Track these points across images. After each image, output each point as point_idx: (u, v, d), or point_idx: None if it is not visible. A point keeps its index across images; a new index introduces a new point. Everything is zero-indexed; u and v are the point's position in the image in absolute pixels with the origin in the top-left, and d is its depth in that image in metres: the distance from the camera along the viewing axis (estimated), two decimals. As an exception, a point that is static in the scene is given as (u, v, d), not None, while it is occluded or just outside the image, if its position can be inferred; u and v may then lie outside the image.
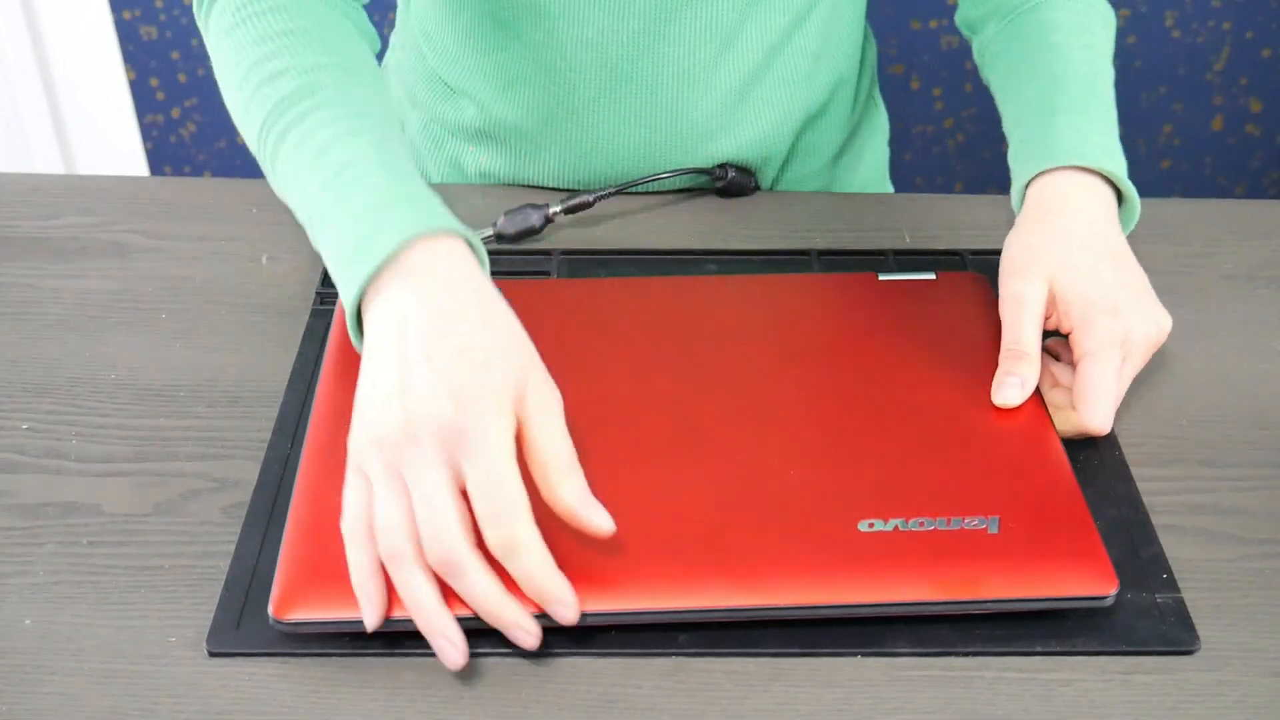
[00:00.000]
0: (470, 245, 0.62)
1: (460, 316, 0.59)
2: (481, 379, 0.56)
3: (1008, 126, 0.83)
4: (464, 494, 0.56)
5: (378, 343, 0.59)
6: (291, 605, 0.58)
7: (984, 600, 0.59)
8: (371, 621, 0.57)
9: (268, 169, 0.70)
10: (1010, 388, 0.69)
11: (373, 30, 0.79)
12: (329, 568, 0.59)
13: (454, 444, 0.55)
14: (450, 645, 0.56)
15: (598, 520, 0.57)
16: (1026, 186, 0.77)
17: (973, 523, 0.61)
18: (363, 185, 0.63)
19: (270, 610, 0.58)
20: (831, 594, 0.59)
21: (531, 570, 0.56)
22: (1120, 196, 0.77)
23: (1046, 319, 0.72)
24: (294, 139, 0.67)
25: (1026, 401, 0.68)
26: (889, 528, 0.61)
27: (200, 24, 0.78)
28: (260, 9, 0.72)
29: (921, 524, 0.61)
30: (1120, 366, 0.69)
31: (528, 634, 0.57)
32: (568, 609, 0.57)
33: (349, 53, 0.72)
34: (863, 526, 0.61)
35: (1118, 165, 0.76)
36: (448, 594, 0.57)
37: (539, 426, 0.57)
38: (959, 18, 0.94)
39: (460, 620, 0.57)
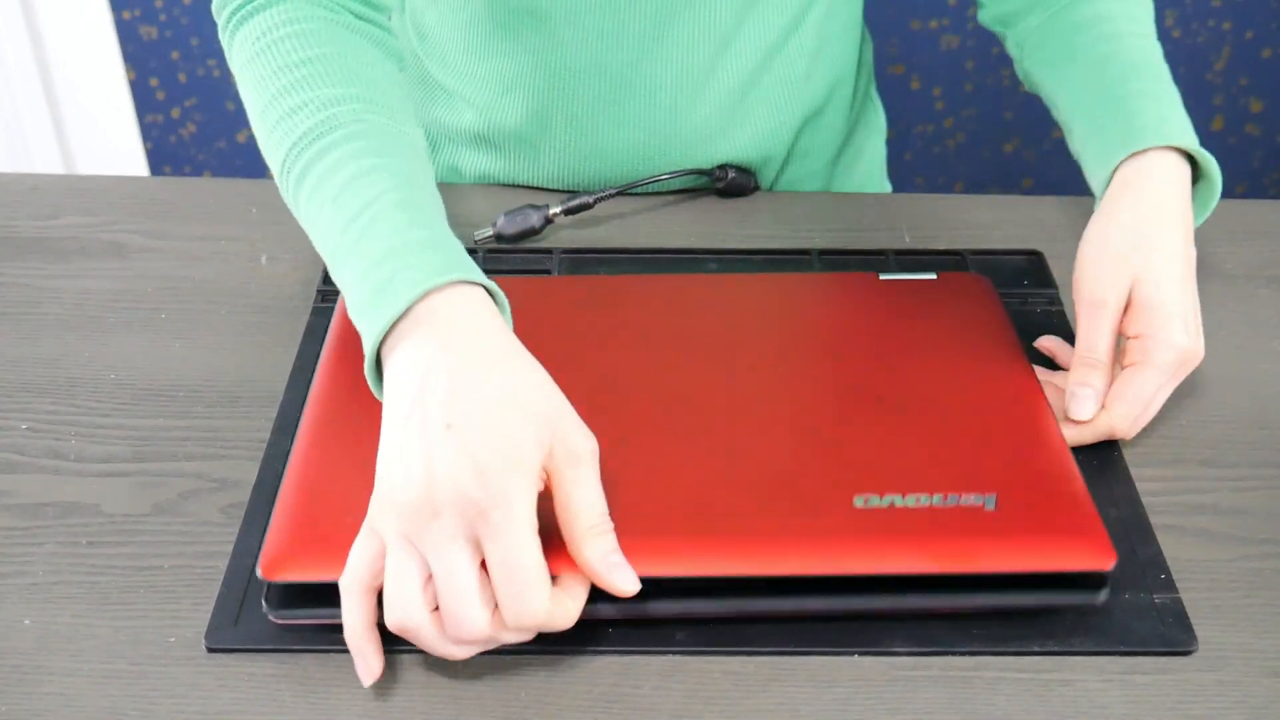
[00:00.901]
0: (490, 294, 0.61)
1: (482, 373, 0.57)
2: (505, 447, 0.54)
3: (1068, 116, 0.82)
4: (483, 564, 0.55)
5: (398, 397, 0.57)
6: (280, 567, 0.58)
7: (981, 575, 0.59)
8: (369, 680, 0.57)
9: (292, 207, 0.69)
10: (1085, 400, 0.68)
11: (397, 45, 0.76)
12: (319, 530, 0.59)
13: (475, 519, 0.54)
14: None
15: (621, 582, 0.56)
16: (1114, 171, 0.75)
17: (969, 499, 0.61)
18: (379, 229, 0.62)
19: (259, 570, 0.58)
20: (825, 564, 0.59)
21: (554, 620, 0.56)
22: (1197, 176, 0.76)
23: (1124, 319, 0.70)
24: (313, 179, 0.66)
25: (1025, 386, 0.68)
26: (884, 503, 0.60)
27: (225, 50, 0.76)
28: (280, 36, 0.70)
29: (918, 500, 0.61)
30: (1164, 385, 0.69)
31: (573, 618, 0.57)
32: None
33: (371, 81, 0.70)
34: (858, 502, 0.60)
35: (1196, 142, 0.75)
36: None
37: (569, 482, 0.55)
38: (987, 15, 0.92)
39: None
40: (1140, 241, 0.71)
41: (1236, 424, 0.73)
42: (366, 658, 0.57)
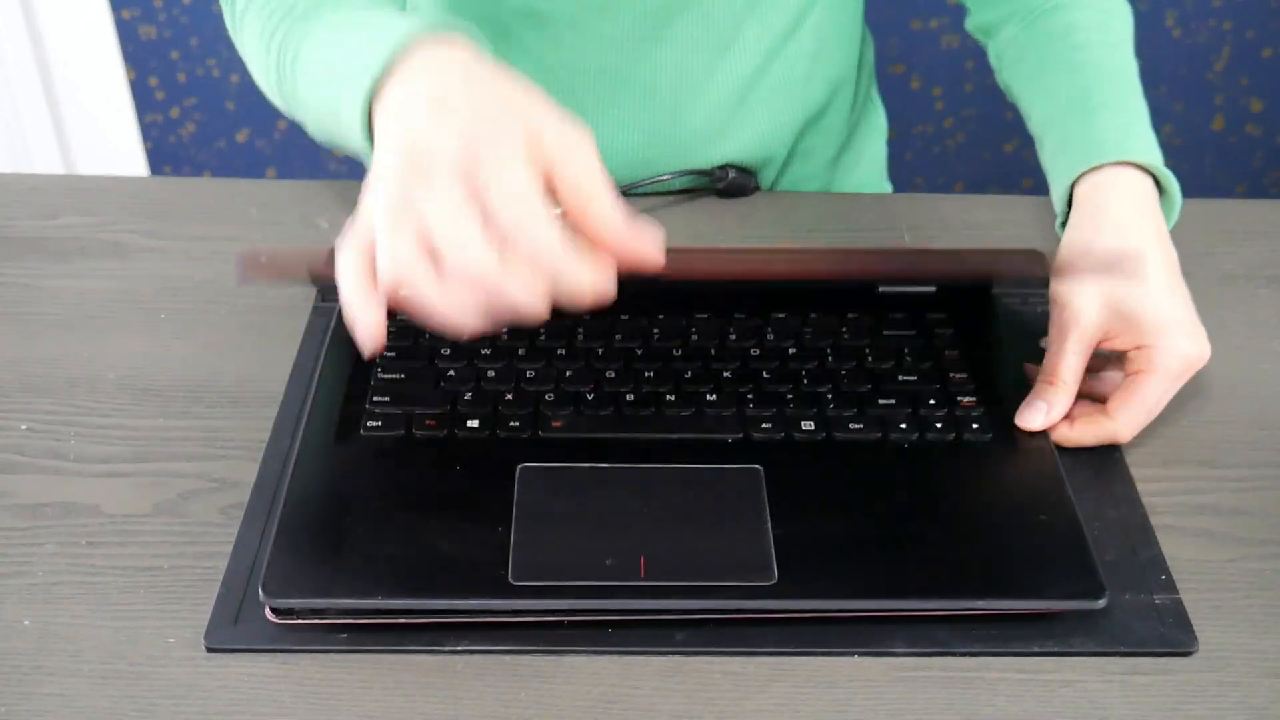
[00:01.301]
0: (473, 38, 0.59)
1: (468, 80, 0.55)
2: (495, 106, 0.52)
3: (1038, 127, 0.82)
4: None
5: (389, 123, 0.55)
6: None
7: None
8: (370, 346, 0.53)
9: (289, 91, 0.69)
10: (1036, 411, 0.68)
11: None
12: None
13: (470, 169, 0.50)
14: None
15: (649, 242, 0.53)
16: (1073, 185, 0.75)
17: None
18: (359, 25, 0.62)
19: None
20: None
21: (572, 264, 0.51)
22: (1160, 190, 0.76)
23: (1106, 340, 0.70)
24: (309, 44, 0.67)
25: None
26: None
27: (233, 29, 0.77)
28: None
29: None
30: (1169, 390, 0.69)
31: (601, 289, 0.52)
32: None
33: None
34: None
35: (1159, 159, 0.75)
36: None
37: (569, 163, 0.52)
38: (971, 23, 0.93)
39: (476, 618, 0.59)
40: (1119, 259, 0.70)
41: (1236, 424, 0.73)
42: (365, 314, 0.52)
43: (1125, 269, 0.68)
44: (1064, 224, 0.77)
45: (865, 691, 0.58)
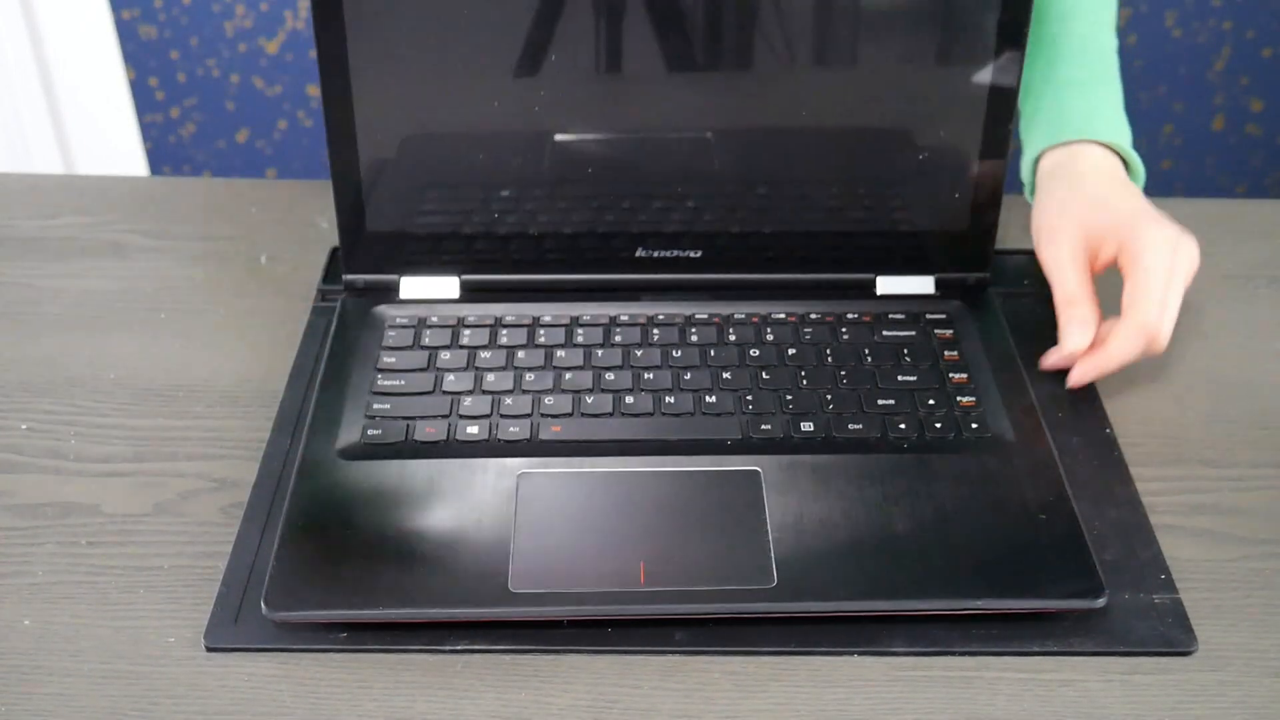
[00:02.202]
0: None
1: None
2: None
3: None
4: None
5: None
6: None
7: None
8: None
9: None
10: (1075, 332, 0.71)
11: None
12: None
13: None
14: None
15: None
16: (1037, 160, 0.79)
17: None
18: None
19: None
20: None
21: None
22: (1128, 166, 0.79)
23: (1095, 259, 0.73)
24: None
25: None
26: None
27: None
28: None
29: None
30: (1173, 273, 0.70)
31: None
32: None
33: None
34: None
35: (1125, 137, 0.78)
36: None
37: None
38: None
39: (462, 617, 0.58)
40: (1073, 197, 0.75)
41: (1236, 424, 0.73)
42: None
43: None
44: (1032, 192, 0.80)
45: (865, 691, 0.58)
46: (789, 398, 0.70)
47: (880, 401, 0.70)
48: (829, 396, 0.70)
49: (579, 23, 0.71)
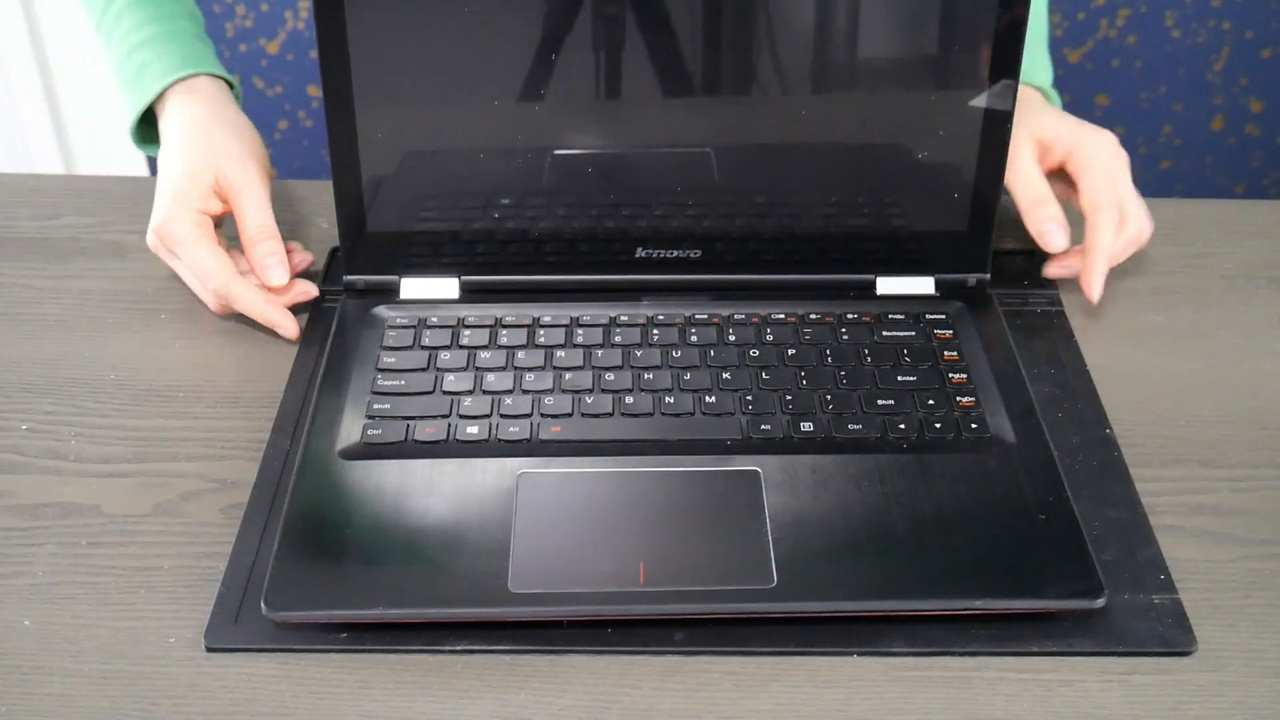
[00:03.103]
0: (226, 81, 0.84)
1: (181, 133, 0.79)
2: (168, 187, 0.78)
3: None
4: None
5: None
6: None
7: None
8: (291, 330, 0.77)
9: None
10: (1052, 232, 0.78)
11: None
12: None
13: (169, 245, 0.78)
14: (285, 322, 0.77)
15: (272, 277, 0.77)
16: None
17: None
18: (127, 21, 0.83)
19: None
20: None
21: (252, 311, 0.77)
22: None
23: (1046, 165, 0.80)
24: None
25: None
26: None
27: None
28: None
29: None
30: (1120, 169, 0.78)
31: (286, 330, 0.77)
32: (286, 332, 0.77)
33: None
34: None
35: (1047, 79, 0.87)
36: None
37: (233, 204, 0.78)
38: None
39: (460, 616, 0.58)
40: (1024, 114, 0.80)
41: (1236, 424, 0.73)
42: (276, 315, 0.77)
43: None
44: None
45: (864, 691, 0.58)
46: (789, 398, 0.70)
47: (880, 402, 0.70)
48: (829, 397, 0.70)
49: (581, 39, 0.71)
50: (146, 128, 0.85)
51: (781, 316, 0.75)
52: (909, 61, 0.73)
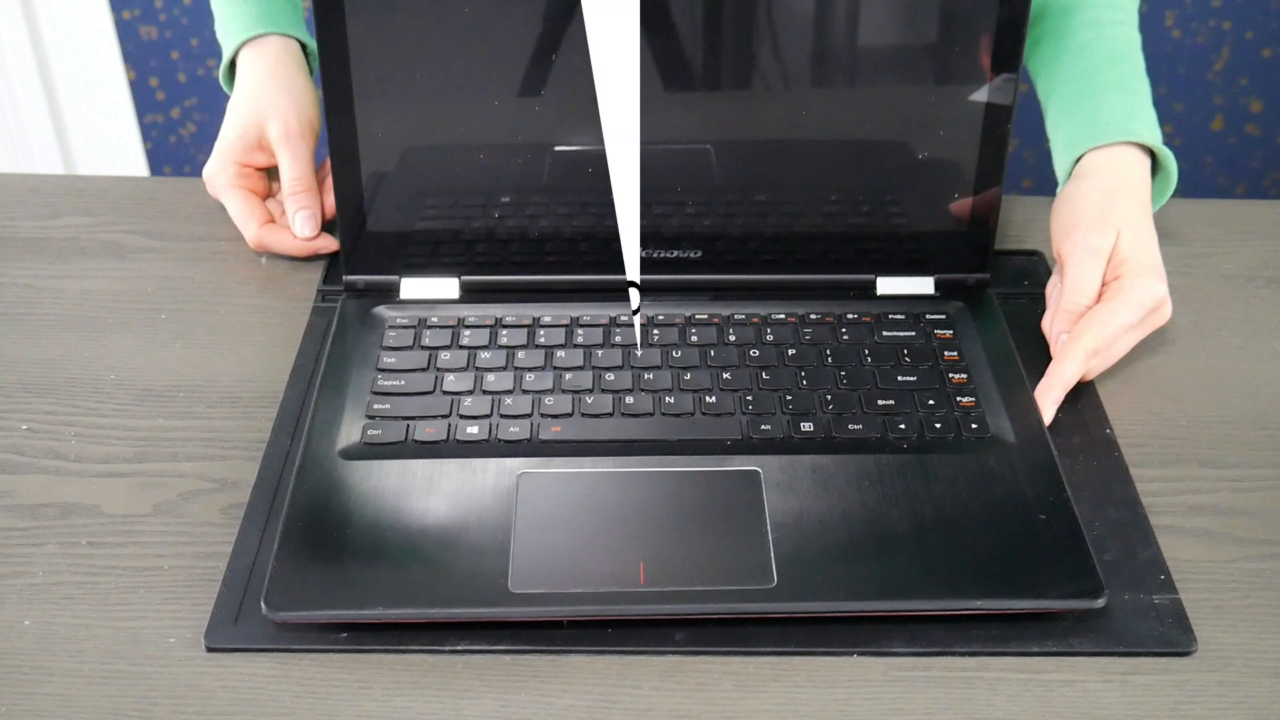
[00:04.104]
0: (301, 43, 0.89)
1: (240, 90, 0.87)
2: (224, 138, 0.86)
3: (1045, 98, 0.86)
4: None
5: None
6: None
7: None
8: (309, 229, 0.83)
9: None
10: (1071, 354, 0.72)
11: None
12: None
13: (212, 191, 0.86)
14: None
15: (299, 228, 0.83)
16: (1077, 160, 0.80)
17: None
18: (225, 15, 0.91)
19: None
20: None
21: (284, 250, 0.84)
22: (1156, 167, 0.80)
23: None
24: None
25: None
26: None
27: None
28: None
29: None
30: (1134, 328, 0.73)
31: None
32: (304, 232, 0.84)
33: None
34: None
35: (1159, 139, 0.80)
36: None
37: (277, 158, 0.85)
38: None
39: (459, 617, 0.58)
40: (1116, 203, 0.75)
41: (1236, 424, 0.73)
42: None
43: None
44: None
45: (864, 691, 0.58)
46: (789, 398, 0.70)
47: (880, 402, 0.70)
48: (829, 397, 0.70)
49: (581, 37, 0.71)
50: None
51: (781, 316, 0.76)
52: (910, 61, 0.73)
